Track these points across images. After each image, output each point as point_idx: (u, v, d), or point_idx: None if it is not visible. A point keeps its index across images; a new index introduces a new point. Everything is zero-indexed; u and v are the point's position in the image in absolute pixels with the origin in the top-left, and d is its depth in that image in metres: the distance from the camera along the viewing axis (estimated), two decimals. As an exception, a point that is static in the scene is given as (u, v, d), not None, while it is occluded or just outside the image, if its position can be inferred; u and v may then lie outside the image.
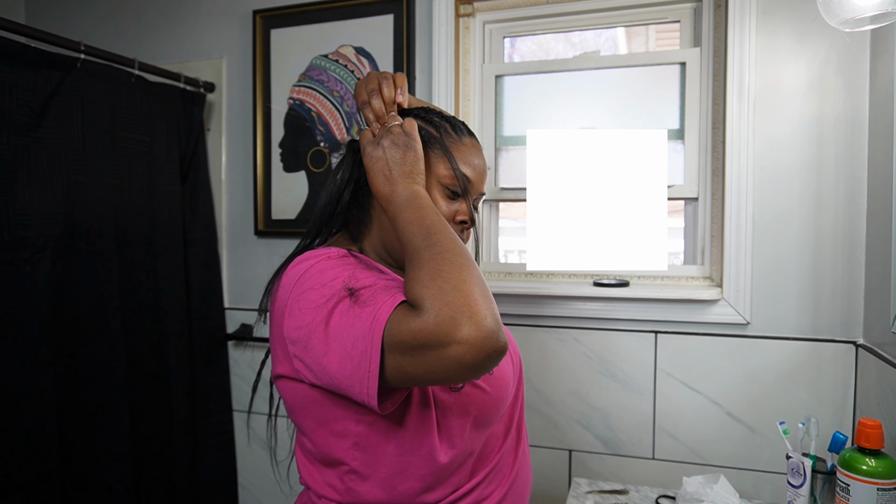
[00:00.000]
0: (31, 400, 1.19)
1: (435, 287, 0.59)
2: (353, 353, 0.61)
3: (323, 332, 0.64)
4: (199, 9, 1.75)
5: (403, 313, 0.60)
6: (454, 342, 0.56)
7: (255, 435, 1.74)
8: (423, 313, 0.58)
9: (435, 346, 0.57)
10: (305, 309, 0.66)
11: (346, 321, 0.63)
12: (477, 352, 0.56)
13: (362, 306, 0.62)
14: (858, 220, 1.24)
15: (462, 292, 0.58)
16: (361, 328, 0.61)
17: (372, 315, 0.61)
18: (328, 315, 0.64)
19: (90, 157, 1.34)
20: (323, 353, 0.64)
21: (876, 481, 0.94)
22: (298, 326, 0.66)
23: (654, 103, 1.43)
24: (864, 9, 0.96)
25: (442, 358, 0.57)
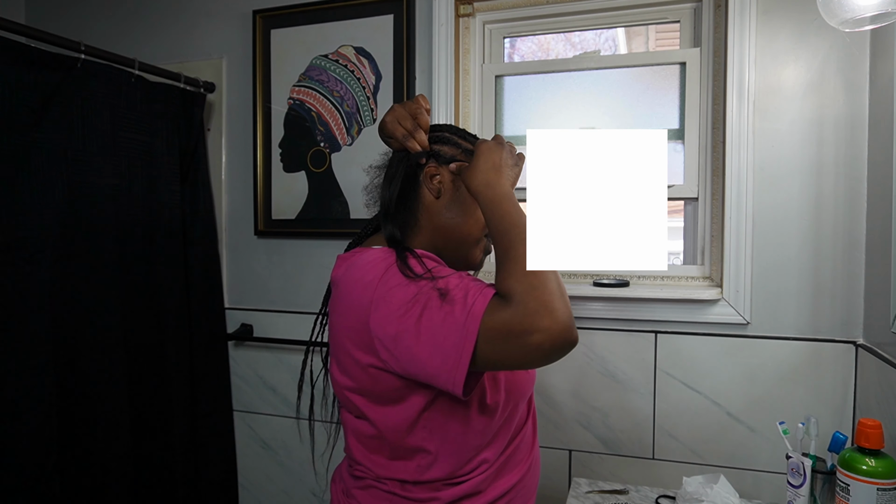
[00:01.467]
0: (30, 400, 1.19)
1: (526, 283, 0.69)
2: (445, 344, 0.70)
3: (415, 327, 0.72)
4: (199, 9, 1.75)
5: (494, 305, 0.70)
6: (536, 331, 0.66)
7: (255, 435, 1.74)
8: (512, 304, 0.68)
9: (519, 335, 0.67)
10: (394, 306, 0.74)
11: (438, 318, 0.71)
12: (554, 340, 0.66)
13: (452, 303, 0.71)
14: (858, 220, 1.24)
15: (548, 290, 0.69)
16: (454, 322, 0.69)
17: (466, 310, 0.70)
18: (420, 312, 0.72)
19: (90, 157, 1.34)
20: (413, 346, 0.72)
21: (876, 481, 0.95)
22: (388, 323, 0.74)
23: (654, 103, 1.43)
24: (864, 9, 0.96)
25: (524, 345, 0.67)
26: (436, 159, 0.90)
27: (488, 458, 0.85)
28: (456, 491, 0.83)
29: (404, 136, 0.88)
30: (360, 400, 0.83)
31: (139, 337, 1.46)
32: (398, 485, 0.84)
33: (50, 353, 1.23)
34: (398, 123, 0.88)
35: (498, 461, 0.86)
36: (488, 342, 0.69)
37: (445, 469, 0.83)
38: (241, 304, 1.74)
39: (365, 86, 1.57)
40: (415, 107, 0.88)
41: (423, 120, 0.88)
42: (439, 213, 0.89)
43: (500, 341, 0.68)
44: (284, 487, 1.72)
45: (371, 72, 1.56)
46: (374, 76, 1.56)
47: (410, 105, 0.89)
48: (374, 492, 0.86)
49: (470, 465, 0.84)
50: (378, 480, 0.85)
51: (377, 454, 0.85)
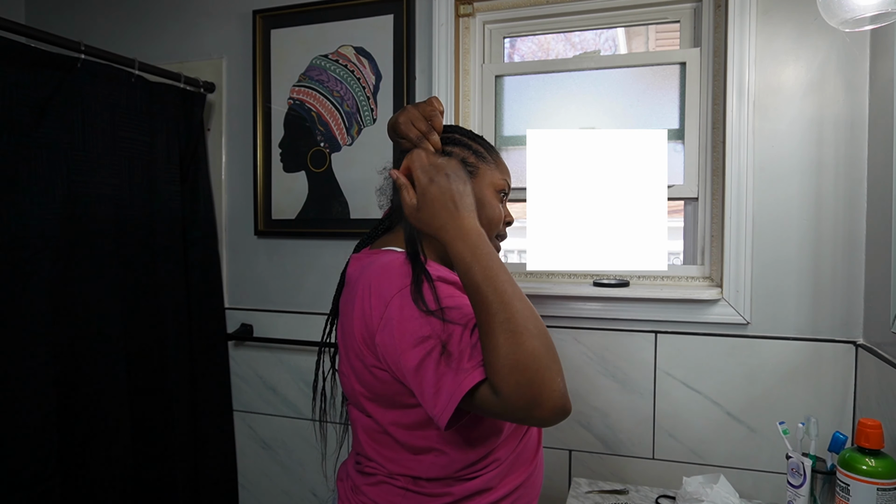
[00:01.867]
0: (31, 400, 1.19)
1: (513, 381, 0.66)
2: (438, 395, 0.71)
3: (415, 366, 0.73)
4: (199, 9, 1.75)
5: (486, 390, 0.69)
6: (530, 418, 0.68)
7: (255, 435, 1.74)
8: (502, 400, 0.67)
9: (516, 419, 0.71)
10: (400, 336, 0.75)
11: (436, 371, 0.71)
12: (548, 421, 0.68)
13: (449, 365, 0.71)
14: (858, 220, 1.24)
15: (536, 383, 0.66)
16: (446, 384, 0.70)
17: (456, 383, 0.70)
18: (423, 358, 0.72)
19: (90, 157, 1.34)
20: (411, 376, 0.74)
21: (876, 481, 0.95)
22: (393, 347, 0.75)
23: (654, 103, 1.43)
24: (864, 9, 0.96)
25: (517, 421, 0.72)
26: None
27: (500, 457, 0.87)
28: (468, 486, 0.85)
29: (418, 137, 0.87)
30: (370, 403, 0.85)
31: (139, 337, 1.46)
32: (411, 481, 0.85)
33: (50, 352, 1.23)
34: (412, 125, 0.88)
35: (509, 459, 0.88)
36: (481, 413, 0.72)
37: (458, 466, 0.84)
38: (241, 304, 1.74)
39: (365, 86, 1.57)
40: (429, 109, 0.88)
41: (438, 122, 0.88)
42: None
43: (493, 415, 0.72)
44: (284, 487, 1.72)
45: (371, 72, 1.56)
46: (374, 76, 1.56)
47: (424, 107, 0.89)
48: (385, 487, 0.87)
49: (483, 462, 0.85)
50: (390, 476, 0.87)
51: (389, 450, 0.86)
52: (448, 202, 0.76)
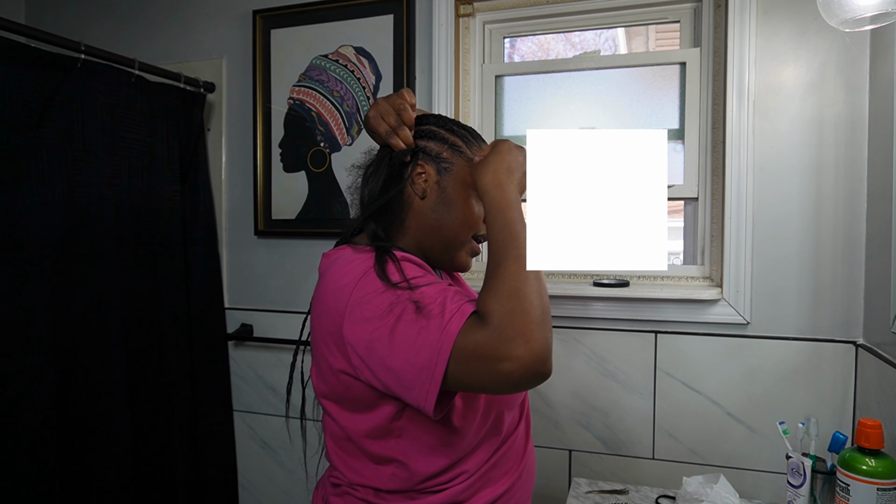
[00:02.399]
0: (31, 400, 1.19)
1: (508, 306, 0.65)
2: (418, 360, 0.67)
3: (388, 338, 0.69)
4: (199, 9, 1.75)
5: (470, 325, 0.66)
6: (507, 359, 0.63)
7: (255, 435, 1.74)
8: (489, 327, 0.65)
9: (491, 360, 0.64)
10: (369, 314, 0.71)
11: (412, 331, 0.68)
12: (524, 371, 0.63)
13: (428, 317, 0.67)
14: (858, 220, 1.24)
15: (528, 317, 0.65)
16: (428, 339, 0.66)
17: (440, 327, 0.66)
18: (395, 322, 0.69)
19: (90, 157, 1.34)
20: (386, 356, 0.69)
21: (876, 481, 0.95)
22: (362, 330, 0.71)
23: (654, 103, 1.43)
24: (864, 9, 0.96)
25: (494, 371, 0.64)
26: (422, 156, 0.85)
27: (468, 469, 0.81)
28: (433, 500, 0.80)
29: (388, 132, 0.84)
30: (332, 406, 0.81)
31: (139, 337, 1.46)
32: (371, 492, 0.81)
33: (50, 352, 1.23)
34: (381, 119, 0.84)
35: (480, 471, 0.82)
36: (459, 363, 0.66)
37: (419, 478, 0.79)
38: (241, 304, 1.74)
39: (365, 86, 1.57)
40: (399, 101, 0.84)
41: (407, 116, 0.84)
42: (425, 214, 0.85)
43: (471, 364, 0.65)
44: (284, 487, 1.72)
45: (371, 72, 1.56)
46: (374, 76, 1.56)
47: (394, 99, 0.84)
48: (349, 499, 0.83)
49: (448, 475, 0.80)
50: (352, 487, 0.82)
51: (352, 459, 0.82)
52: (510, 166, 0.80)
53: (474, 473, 0.82)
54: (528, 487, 0.91)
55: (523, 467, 0.89)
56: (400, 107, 0.84)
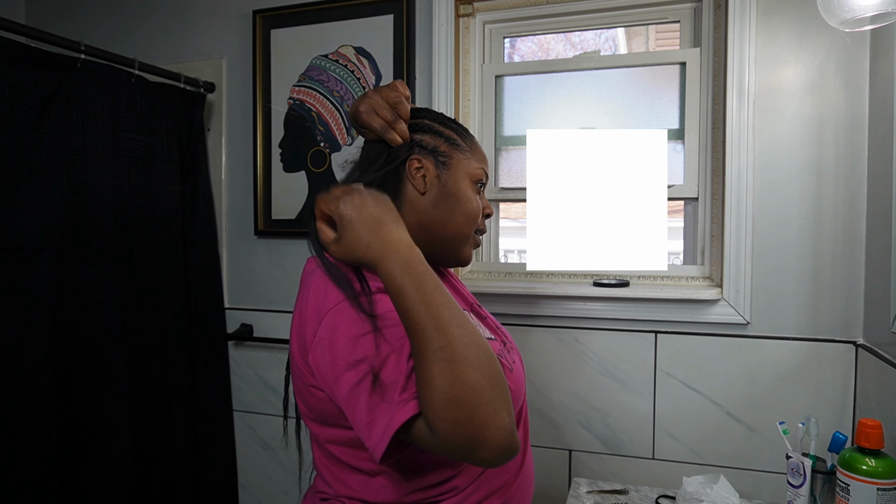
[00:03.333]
0: (31, 400, 1.19)
1: (449, 418, 0.58)
2: (371, 426, 0.64)
3: (347, 393, 0.66)
4: (199, 9, 1.75)
5: (421, 428, 0.61)
6: (472, 459, 0.60)
7: (255, 435, 1.74)
8: (439, 438, 0.59)
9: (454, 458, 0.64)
10: (335, 357, 0.68)
11: (368, 402, 0.64)
12: (492, 462, 0.60)
13: (381, 394, 0.63)
14: (858, 220, 1.24)
15: (479, 418, 0.58)
16: (380, 415, 0.63)
17: (389, 416, 0.62)
18: (355, 384, 0.65)
19: (90, 157, 1.34)
20: (344, 402, 0.67)
21: (876, 481, 0.95)
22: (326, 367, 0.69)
23: (654, 103, 1.43)
24: (864, 9, 0.96)
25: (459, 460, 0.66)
26: (419, 150, 0.82)
27: (459, 485, 0.78)
28: None
29: (383, 127, 0.80)
30: (311, 423, 0.80)
31: (139, 337, 1.46)
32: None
33: (50, 352, 1.23)
34: (375, 114, 0.80)
35: (471, 486, 0.79)
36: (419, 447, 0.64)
37: (408, 489, 0.76)
38: (241, 304, 1.74)
39: (365, 86, 1.57)
40: (394, 95, 0.80)
41: (404, 110, 0.80)
42: (425, 210, 0.83)
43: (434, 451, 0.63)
44: (284, 487, 1.72)
45: (371, 72, 1.56)
46: (374, 76, 1.56)
47: (388, 92, 0.81)
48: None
49: (438, 490, 0.77)
50: (337, 499, 0.80)
51: (339, 470, 0.79)
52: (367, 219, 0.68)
53: (466, 489, 0.79)
54: (527, 496, 0.88)
55: (520, 477, 0.85)
56: (396, 100, 0.80)
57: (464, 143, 0.86)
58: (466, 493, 0.79)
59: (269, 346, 1.70)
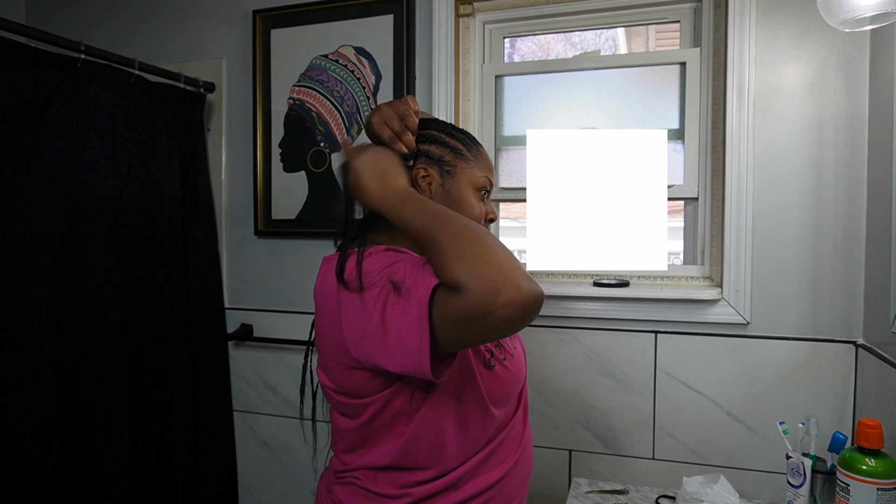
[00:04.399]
0: (30, 400, 1.19)
1: (465, 267, 0.65)
2: (407, 335, 0.69)
3: (380, 324, 0.72)
4: (199, 9, 1.75)
5: (445, 294, 0.67)
6: (499, 307, 0.63)
7: (255, 435, 1.74)
8: (463, 292, 0.64)
9: (483, 316, 0.64)
10: (359, 303, 0.74)
11: (396, 312, 0.71)
12: (521, 308, 0.63)
13: (406, 295, 0.70)
14: (858, 220, 1.24)
15: (491, 263, 0.64)
16: (411, 313, 0.69)
17: (416, 300, 0.69)
18: (382, 309, 0.72)
19: (90, 156, 1.34)
20: (381, 339, 0.72)
21: (876, 481, 0.95)
22: (357, 320, 0.74)
23: (654, 103, 1.43)
24: (864, 9, 0.96)
25: (491, 322, 0.64)
26: (424, 159, 0.88)
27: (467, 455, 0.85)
28: (427, 489, 0.83)
29: (391, 138, 0.86)
30: (343, 398, 0.84)
31: (139, 337, 1.46)
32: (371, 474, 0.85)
33: (50, 353, 1.23)
34: (385, 125, 0.86)
35: (477, 457, 0.86)
36: (452, 328, 0.68)
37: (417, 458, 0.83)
38: (241, 304, 1.74)
39: (365, 86, 1.57)
40: (403, 108, 0.87)
41: (412, 122, 0.86)
42: None
43: (467, 326, 0.66)
44: (284, 487, 1.72)
45: (371, 72, 1.56)
46: (374, 76, 1.56)
47: (398, 105, 0.87)
48: (351, 488, 0.87)
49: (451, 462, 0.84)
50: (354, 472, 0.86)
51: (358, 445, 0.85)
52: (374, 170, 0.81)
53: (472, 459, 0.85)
54: (526, 474, 0.94)
55: (520, 454, 0.91)
56: (404, 112, 0.86)
57: (468, 153, 0.91)
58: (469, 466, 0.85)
59: (269, 346, 1.70)
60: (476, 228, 0.70)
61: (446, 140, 0.90)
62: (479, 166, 0.91)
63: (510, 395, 0.89)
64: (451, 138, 0.91)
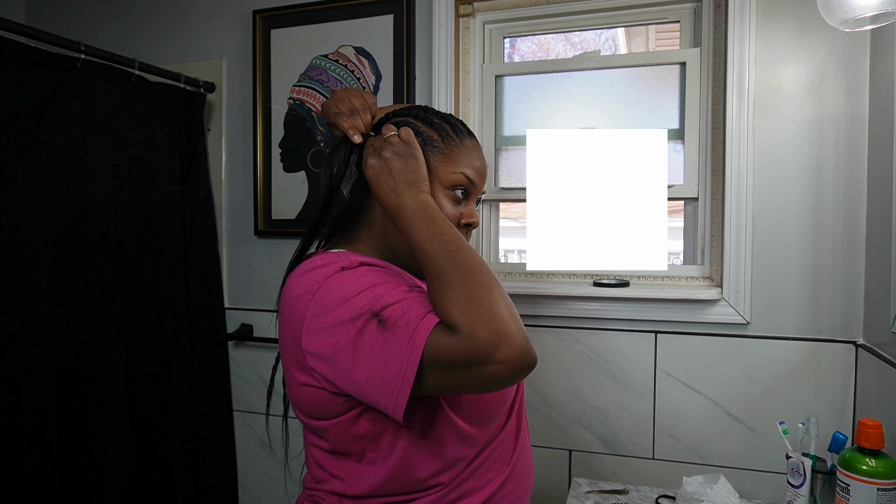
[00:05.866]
0: (31, 400, 1.19)
1: (472, 311, 0.61)
2: (385, 371, 0.64)
3: (351, 351, 0.66)
4: (199, 9, 1.75)
5: (442, 335, 0.62)
6: (493, 362, 0.60)
7: (255, 435, 1.74)
8: (462, 336, 0.61)
9: (475, 365, 0.61)
10: (329, 327, 0.68)
11: (376, 345, 0.65)
12: (513, 369, 0.61)
13: (392, 329, 0.64)
14: (858, 220, 1.24)
15: (497, 315, 0.61)
16: (394, 350, 0.63)
17: (408, 337, 0.63)
18: (356, 336, 0.66)
19: (90, 157, 1.34)
20: (349, 369, 0.66)
21: (876, 481, 0.95)
22: (323, 344, 0.68)
23: (654, 103, 1.43)
24: (864, 9, 0.96)
25: (480, 374, 0.61)
26: None
27: (443, 481, 0.77)
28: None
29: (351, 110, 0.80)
30: (304, 417, 0.78)
31: (139, 337, 1.46)
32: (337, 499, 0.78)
33: (50, 352, 1.23)
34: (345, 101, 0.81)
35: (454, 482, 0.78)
36: (438, 371, 0.63)
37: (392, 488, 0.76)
38: (241, 304, 1.74)
39: (365, 86, 1.57)
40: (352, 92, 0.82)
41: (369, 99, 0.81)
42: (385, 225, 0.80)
43: (454, 371, 0.62)
44: (284, 487, 1.72)
45: (371, 72, 1.57)
46: (374, 76, 1.56)
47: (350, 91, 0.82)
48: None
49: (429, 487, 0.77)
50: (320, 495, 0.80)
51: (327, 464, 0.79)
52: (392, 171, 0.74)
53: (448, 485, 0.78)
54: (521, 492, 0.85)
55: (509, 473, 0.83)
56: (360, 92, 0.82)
57: (443, 144, 0.79)
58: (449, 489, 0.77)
59: (269, 346, 1.70)
60: (489, 273, 0.66)
61: (420, 128, 0.79)
62: (454, 160, 0.78)
63: (491, 415, 0.79)
64: (428, 126, 0.80)
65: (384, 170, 0.75)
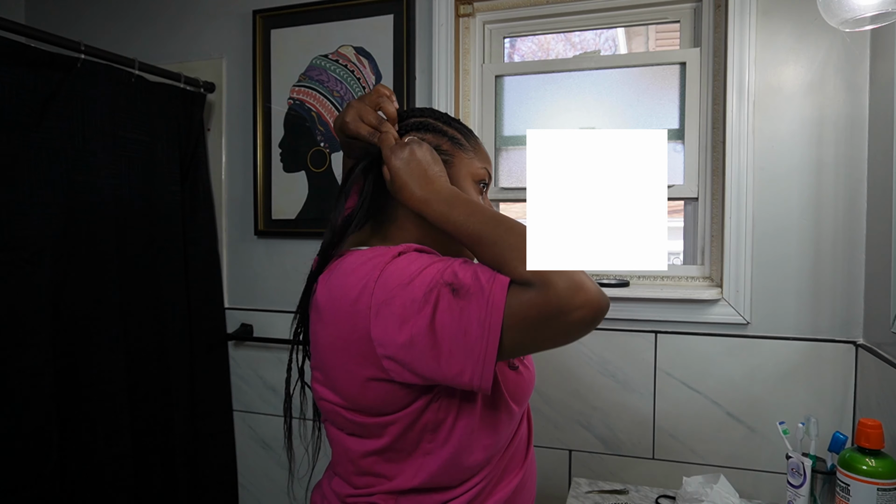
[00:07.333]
0: (31, 400, 1.19)
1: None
2: (468, 340, 0.64)
3: (428, 327, 0.65)
4: (199, 9, 1.75)
5: (517, 291, 0.63)
6: (576, 308, 0.61)
7: (255, 435, 1.74)
8: (540, 288, 0.62)
9: (558, 315, 0.62)
10: (400, 308, 0.67)
11: (453, 314, 0.65)
12: (595, 312, 0.62)
13: (466, 296, 0.65)
14: (858, 220, 1.24)
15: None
16: (473, 315, 0.64)
17: (484, 300, 0.64)
18: (432, 312, 0.65)
19: (90, 157, 1.34)
20: (429, 347, 0.66)
21: (876, 481, 0.95)
22: (397, 328, 0.67)
23: (654, 103, 1.43)
24: (864, 9, 0.96)
25: (565, 323, 0.62)
26: None
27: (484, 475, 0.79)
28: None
29: (371, 133, 0.78)
30: (357, 416, 0.75)
31: (139, 337, 1.46)
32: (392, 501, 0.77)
33: (50, 352, 1.23)
34: (360, 121, 0.79)
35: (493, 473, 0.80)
36: (518, 331, 0.63)
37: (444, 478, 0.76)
38: (241, 304, 1.74)
39: (365, 86, 1.57)
40: (375, 97, 0.80)
41: (389, 109, 0.79)
42: None
43: (537, 327, 0.63)
44: (284, 487, 1.72)
45: (371, 72, 1.56)
46: (374, 76, 1.56)
47: (370, 97, 0.80)
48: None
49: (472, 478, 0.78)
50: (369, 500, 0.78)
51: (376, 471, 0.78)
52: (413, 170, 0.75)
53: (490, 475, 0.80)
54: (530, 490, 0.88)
55: (525, 469, 0.86)
56: (377, 102, 0.80)
57: (467, 143, 0.85)
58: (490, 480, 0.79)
59: (269, 346, 1.70)
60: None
61: (443, 128, 0.84)
62: (478, 157, 0.85)
63: (527, 395, 0.85)
64: (449, 127, 0.85)
65: (413, 160, 0.76)
